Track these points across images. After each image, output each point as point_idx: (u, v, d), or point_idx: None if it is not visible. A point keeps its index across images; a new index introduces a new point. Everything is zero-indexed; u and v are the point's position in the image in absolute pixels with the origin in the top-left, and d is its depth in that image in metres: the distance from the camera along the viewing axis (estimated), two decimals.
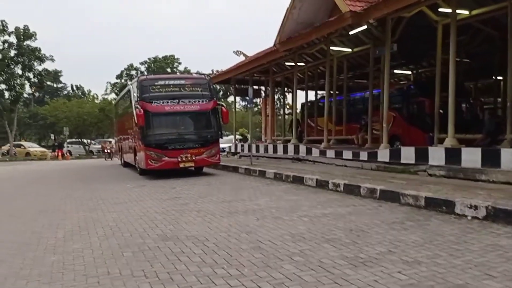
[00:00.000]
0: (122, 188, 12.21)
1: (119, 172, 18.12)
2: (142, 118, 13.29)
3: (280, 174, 12.30)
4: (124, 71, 57.11)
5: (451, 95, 12.57)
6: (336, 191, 9.57)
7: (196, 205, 8.73)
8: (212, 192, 10.59)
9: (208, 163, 14.78)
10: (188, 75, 15.18)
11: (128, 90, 17.21)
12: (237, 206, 8.25)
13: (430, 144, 15.37)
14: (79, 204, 9.61)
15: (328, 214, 7.11)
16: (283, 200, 8.74)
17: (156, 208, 8.58)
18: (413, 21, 14.84)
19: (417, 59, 20.52)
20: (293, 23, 17.64)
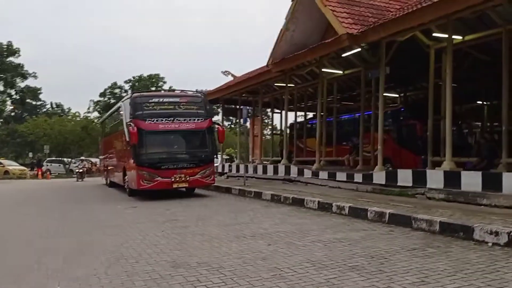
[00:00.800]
0: (114, 210, 11.76)
1: (106, 192, 17.50)
2: (136, 136, 12.78)
3: (278, 196, 12.01)
4: (108, 89, 56.42)
5: (448, 118, 12.55)
6: (341, 214, 9.32)
7: (198, 228, 8.36)
8: (210, 214, 10.23)
9: (202, 184, 14.28)
10: (182, 93, 14.67)
11: (118, 108, 16.74)
12: (242, 230, 7.92)
13: (423, 167, 15.36)
14: (72, 227, 9.14)
15: (341, 239, 6.83)
16: (288, 224, 8.43)
17: (155, 231, 8.18)
18: (403, 45, 14.93)
19: (406, 82, 20.67)
20: (286, 44, 17.60)
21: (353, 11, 14.79)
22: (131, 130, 12.85)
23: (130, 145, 13.40)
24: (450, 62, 12.48)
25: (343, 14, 14.44)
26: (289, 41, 17.48)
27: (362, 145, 18.96)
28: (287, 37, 17.34)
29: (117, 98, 55.22)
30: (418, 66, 18.18)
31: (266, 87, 24.52)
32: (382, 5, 15.77)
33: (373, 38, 13.78)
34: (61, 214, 11.18)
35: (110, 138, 18.72)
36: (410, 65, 17.30)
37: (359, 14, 14.74)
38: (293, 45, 17.56)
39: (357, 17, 14.57)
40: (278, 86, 24.24)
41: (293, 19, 16.79)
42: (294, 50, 17.45)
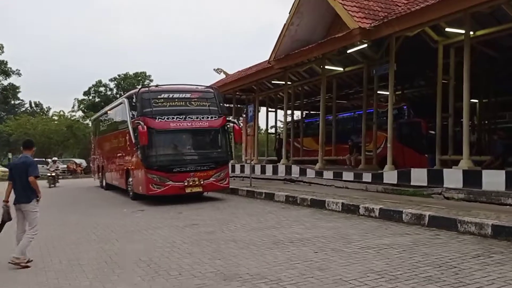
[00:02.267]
0: (121, 214, 11.07)
1: (104, 195, 16.59)
2: (146, 136, 11.64)
3: (294, 197, 11.48)
4: (92, 87, 54.67)
5: (466, 115, 12.23)
6: (370, 216, 8.86)
7: (225, 233, 7.79)
8: (229, 217, 9.65)
9: (217, 187, 13.15)
10: (193, 87, 13.64)
11: (119, 104, 15.63)
12: (276, 235, 7.38)
13: (431, 165, 15.04)
14: (85, 233, 8.44)
15: (391, 245, 6.35)
16: (321, 228, 7.93)
17: (180, 237, 7.58)
18: (405, 42, 14.61)
19: (407, 80, 20.39)
20: (290, 40, 17.09)
21: (363, 5, 14.36)
22: (140, 129, 11.72)
23: (138, 146, 12.48)
24: (468, 58, 12.15)
25: (353, 8, 13.99)
26: (293, 36, 16.96)
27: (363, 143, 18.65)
28: (290, 32, 16.82)
29: (102, 97, 53.95)
30: (420, 63, 17.95)
31: (261, 85, 23.96)
32: None
33: (386, 32, 13.38)
34: (63, 220, 10.37)
35: (107, 137, 17.65)
36: (412, 62, 16.90)
37: (368, 8, 14.32)
38: (296, 41, 17.06)
39: (367, 11, 14.15)
40: (274, 84, 23.78)
41: (298, 14, 16.26)
42: (298, 46, 16.96)
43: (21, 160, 6.51)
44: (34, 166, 6.38)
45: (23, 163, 6.37)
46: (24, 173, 6.24)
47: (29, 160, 6.44)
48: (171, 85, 13.49)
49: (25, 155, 6.52)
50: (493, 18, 13.61)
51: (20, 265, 5.98)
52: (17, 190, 6.30)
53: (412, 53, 15.61)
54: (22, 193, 6.24)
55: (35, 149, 6.93)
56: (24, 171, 6.26)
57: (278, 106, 27.91)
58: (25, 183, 6.24)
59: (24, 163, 6.36)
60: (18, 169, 6.36)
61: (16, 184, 6.32)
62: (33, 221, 6.30)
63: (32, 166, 6.34)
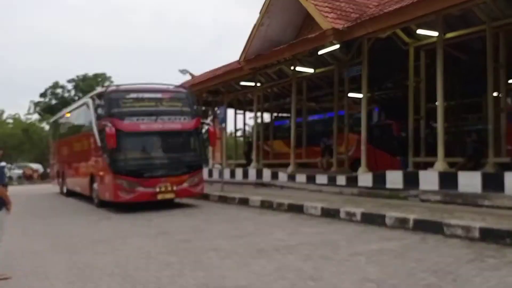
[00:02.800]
0: (86, 222, 10.40)
1: (66, 202, 15.62)
2: (114, 138, 10.86)
3: (270, 202, 11.10)
4: (49, 89, 52.30)
5: (440, 116, 12.21)
6: (351, 220, 8.59)
7: (203, 242, 7.33)
8: (203, 224, 9.19)
9: (191, 194, 12.39)
10: (164, 87, 13.00)
11: (83, 105, 14.74)
12: (258, 242, 6.98)
13: (404, 168, 15.02)
14: (50, 243, 7.80)
15: (380, 250, 6.08)
16: (303, 234, 7.60)
17: (154, 247, 7.08)
18: (377, 44, 14.59)
19: (378, 82, 20.42)
20: (260, 40, 16.77)
21: (335, 6, 14.22)
22: (108, 131, 10.93)
23: (104, 149, 11.70)
24: (441, 60, 12.15)
25: (325, 8, 13.83)
26: (263, 37, 16.65)
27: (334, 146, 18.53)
28: (261, 32, 16.51)
29: (59, 99, 51.80)
30: (390, 65, 17.99)
31: (229, 87, 23.53)
32: (360, 1, 15.30)
33: (359, 33, 13.26)
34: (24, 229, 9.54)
35: (69, 140, 16.68)
36: (382, 65, 16.87)
37: (340, 9, 14.19)
38: (267, 41, 16.76)
39: (339, 12, 14.02)
40: (243, 85, 23.40)
41: (268, 13, 15.97)
42: (268, 46, 16.67)
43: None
44: (2, 173, 5.70)
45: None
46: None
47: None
48: (140, 84, 12.77)
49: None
50: (462, 21, 13.71)
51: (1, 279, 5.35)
52: None
53: (382, 55, 15.55)
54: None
55: (2, 153, 6.17)
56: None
57: (246, 108, 27.60)
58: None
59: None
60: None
61: None
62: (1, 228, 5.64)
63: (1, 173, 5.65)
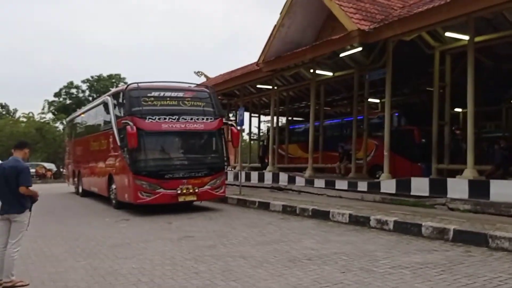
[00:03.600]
0: (104, 224, 10.04)
1: (82, 203, 15.19)
2: (135, 137, 10.43)
3: (292, 207, 10.70)
4: (64, 89, 52.38)
5: (470, 124, 11.78)
6: (383, 229, 8.16)
7: (229, 248, 6.94)
8: (226, 229, 8.79)
9: (213, 196, 11.92)
10: (186, 86, 12.65)
11: (102, 103, 14.32)
12: (288, 250, 6.58)
13: (426, 175, 14.54)
14: (68, 246, 7.45)
15: (424, 263, 5.64)
16: (335, 242, 7.17)
17: (179, 252, 6.70)
18: (398, 48, 14.19)
19: (397, 87, 19.96)
20: (280, 42, 16.41)
21: (360, 7, 13.81)
22: (129, 130, 10.45)
23: (124, 149, 11.30)
24: (472, 63, 11.72)
25: (350, 9, 13.42)
26: (283, 38, 16.28)
27: (349, 151, 18.09)
28: (281, 34, 16.14)
29: (73, 99, 51.97)
30: (411, 69, 17.56)
31: (244, 90, 23.21)
32: (385, 2, 14.89)
33: (386, 35, 12.85)
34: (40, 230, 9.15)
35: (86, 139, 16.35)
36: (403, 69, 16.44)
37: (365, 10, 13.78)
38: (287, 43, 16.40)
39: (364, 13, 13.60)
40: (258, 88, 23.06)
41: (289, 14, 15.59)
42: (288, 48, 16.30)
43: (9, 164, 5.42)
44: (26, 173, 5.38)
45: (13, 168, 5.33)
46: (14, 180, 5.27)
47: (20, 165, 5.40)
48: (161, 82, 12.42)
49: (16, 158, 5.50)
50: (490, 25, 13.29)
51: (17, 285, 5.13)
52: (5, 198, 5.33)
53: (402, 59, 15.13)
54: (12, 202, 5.30)
55: (28, 151, 5.79)
56: (14, 178, 5.28)
57: (261, 111, 27.23)
58: (15, 190, 5.28)
59: (14, 168, 5.33)
60: (5, 174, 5.32)
61: (3, 191, 5.32)
62: (19, 234, 5.34)
63: (24, 173, 5.35)
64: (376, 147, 17.98)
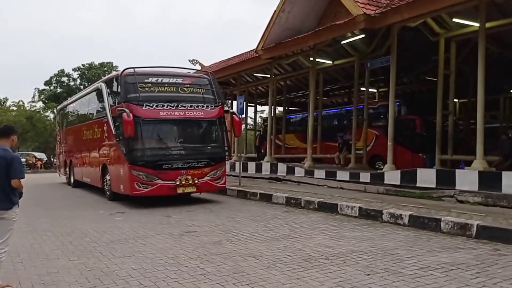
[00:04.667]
0: (98, 217, 9.46)
1: (74, 194, 14.53)
2: (132, 125, 9.80)
3: (297, 200, 10.19)
4: (54, 77, 51.34)
5: (480, 114, 11.29)
6: (397, 224, 7.67)
7: (236, 244, 6.40)
8: (230, 223, 8.26)
9: (213, 188, 11.34)
10: (185, 71, 12.01)
11: (95, 90, 13.52)
12: (300, 248, 6.06)
13: (429, 166, 14.14)
14: (60, 243, 6.87)
15: (454, 264, 5.15)
16: (349, 238, 6.66)
17: (182, 250, 6.15)
18: (400, 35, 13.71)
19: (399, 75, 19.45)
20: (279, 28, 15.81)
21: None
22: (125, 117, 9.82)
23: (119, 137, 10.68)
24: (483, 51, 11.25)
25: None
26: (283, 24, 15.69)
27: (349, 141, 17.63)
28: (281, 19, 15.54)
29: (64, 87, 50.98)
30: (413, 57, 17.07)
31: (240, 79, 22.60)
32: None
33: (393, 20, 12.35)
34: (30, 224, 8.59)
35: (78, 128, 15.57)
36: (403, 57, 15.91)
37: None
38: (286, 29, 15.82)
39: None
40: (255, 77, 22.48)
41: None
42: (287, 35, 15.73)
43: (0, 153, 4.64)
44: (17, 164, 4.66)
45: (1, 158, 4.59)
46: (3, 172, 4.57)
47: (10, 155, 4.66)
48: (158, 67, 11.75)
49: (3, 147, 4.70)
50: (499, 11, 12.81)
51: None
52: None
53: (405, 47, 14.64)
54: (1, 197, 4.59)
55: (15, 138, 4.95)
56: (3, 169, 4.57)
57: (258, 101, 26.65)
58: (4, 183, 4.58)
59: (3, 158, 4.59)
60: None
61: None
62: (8, 232, 4.67)
63: (15, 164, 4.63)
64: (376, 137, 17.56)
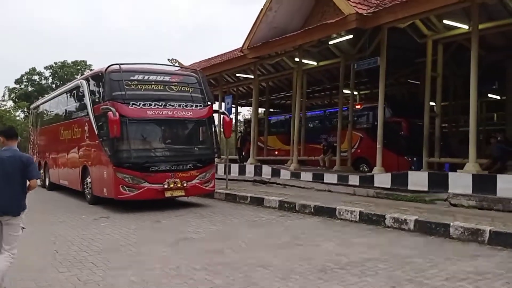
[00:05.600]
0: (82, 222, 8.84)
1: (51, 197, 13.63)
2: (118, 125, 9.22)
3: (291, 203, 9.80)
4: (25, 75, 49.52)
5: (472, 117, 11.18)
6: (401, 229, 7.39)
7: (239, 253, 5.98)
8: (225, 228, 7.84)
9: (202, 191, 10.84)
10: (172, 69, 11.48)
11: (75, 88, 12.78)
12: (311, 257, 5.67)
13: (417, 168, 14.04)
14: (46, 252, 6.30)
15: (480, 273, 4.87)
16: (358, 245, 6.32)
17: (181, 259, 5.69)
18: None
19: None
20: (266, 27, 15.44)
21: None
22: (111, 116, 9.22)
23: (103, 138, 10.11)
24: (476, 53, 11.08)
25: None
26: (270, 23, 15.32)
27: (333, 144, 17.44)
28: (268, 18, 15.16)
29: (36, 86, 49.38)
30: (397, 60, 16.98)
31: (221, 79, 22.11)
32: None
33: (385, 20, 12.12)
34: None
35: (54, 128, 14.74)
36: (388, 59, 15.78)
37: None
38: (273, 28, 15.46)
39: None
40: (238, 77, 22.05)
41: None
42: (274, 34, 15.37)
43: (8, 154, 4.40)
44: (35, 165, 4.66)
45: (17, 159, 4.37)
46: (18, 173, 4.35)
47: (25, 156, 4.52)
48: (144, 64, 11.18)
49: (13, 148, 4.49)
50: (486, 13, 12.79)
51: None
52: (2, 195, 4.31)
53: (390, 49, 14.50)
54: (11, 201, 4.35)
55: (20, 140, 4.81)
56: (18, 170, 4.34)
57: (238, 102, 26.21)
58: (17, 187, 4.37)
59: (19, 158, 4.39)
60: (8, 166, 4.34)
61: None
62: (16, 238, 4.46)
63: (33, 165, 4.58)
64: (360, 139, 17.42)
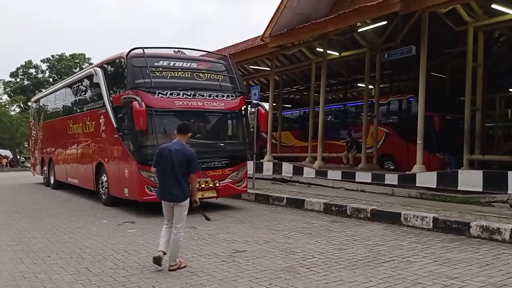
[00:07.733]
0: (105, 229, 7.56)
1: (58, 197, 12.23)
2: (145, 116, 8.00)
3: (340, 207, 8.59)
4: (21, 68, 47.82)
5: None
6: (492, 239, 6.22)
7: (316, 272, 4.80)
8: (279, 238, 6.63)
9: (234, 191, 9.69)
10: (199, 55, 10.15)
11: (88, 76, 11.41)
12: (412, 278, 4.51)
13: (455, 167, 12.94)
14: (74, 269, 5.06)
15: None
16: (459, 262, 5.15)
17: (250, 281, 4.54)
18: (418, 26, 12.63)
19: (406, 69, 18.25)
20: (290, 13, 14.33)
21: None
22: (137, 107, 7.99)
23: (124, 131, 8.89)
24: None
25: None
26: (294, 8, 14.25)
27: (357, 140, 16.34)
28: (293, 3, 14.01)
29: (32, 79, 47.89)
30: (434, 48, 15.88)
31: None
32: None
33: (430, 3, 11.02)
34: (21, 239, 6.76)
35: (62, 121, 13.33)
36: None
37: None
38: (297, 14, 14.35)
39: None
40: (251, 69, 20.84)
41: None
42: (298, 21, 14.28)
43: (178, 147, 5.15)
44: (197, 160, 5.22)
45: (185, 153, 5.12)
46: (185, 165, 5.08)
47: (190, 152, 5.20)
48: (166, 48, 9.86)
49: (182, 142, 5.26)
50: None
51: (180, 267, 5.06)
52: (169, 183, 5.11)
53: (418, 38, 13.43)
54: (177, 189, 5.10)
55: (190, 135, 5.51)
56: (185, 163, 5.08)
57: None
58: (182, 177, 5.09)
59: (183, 152, 5.13)
60: (175, 158, 5.09)
61: (167, 175, 5.12)
62: (183, 217, 5.25)
63: (196, 160, 5.19)
64: (385, 135, 16.34)
